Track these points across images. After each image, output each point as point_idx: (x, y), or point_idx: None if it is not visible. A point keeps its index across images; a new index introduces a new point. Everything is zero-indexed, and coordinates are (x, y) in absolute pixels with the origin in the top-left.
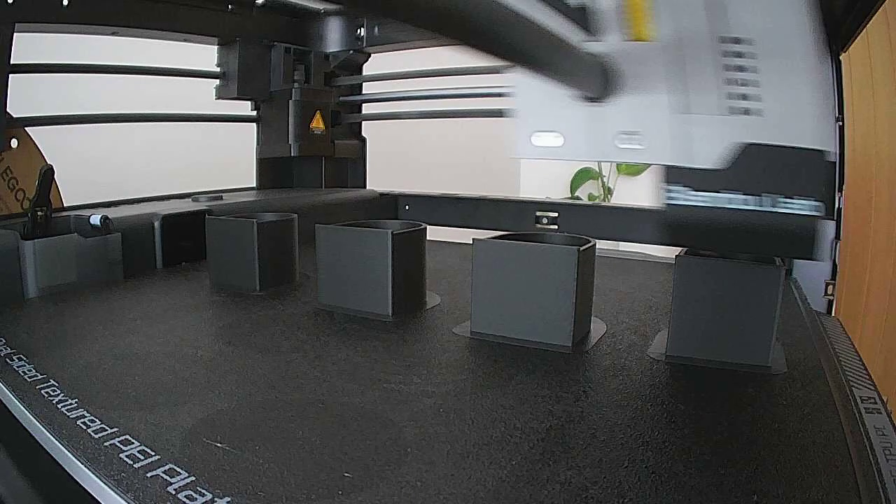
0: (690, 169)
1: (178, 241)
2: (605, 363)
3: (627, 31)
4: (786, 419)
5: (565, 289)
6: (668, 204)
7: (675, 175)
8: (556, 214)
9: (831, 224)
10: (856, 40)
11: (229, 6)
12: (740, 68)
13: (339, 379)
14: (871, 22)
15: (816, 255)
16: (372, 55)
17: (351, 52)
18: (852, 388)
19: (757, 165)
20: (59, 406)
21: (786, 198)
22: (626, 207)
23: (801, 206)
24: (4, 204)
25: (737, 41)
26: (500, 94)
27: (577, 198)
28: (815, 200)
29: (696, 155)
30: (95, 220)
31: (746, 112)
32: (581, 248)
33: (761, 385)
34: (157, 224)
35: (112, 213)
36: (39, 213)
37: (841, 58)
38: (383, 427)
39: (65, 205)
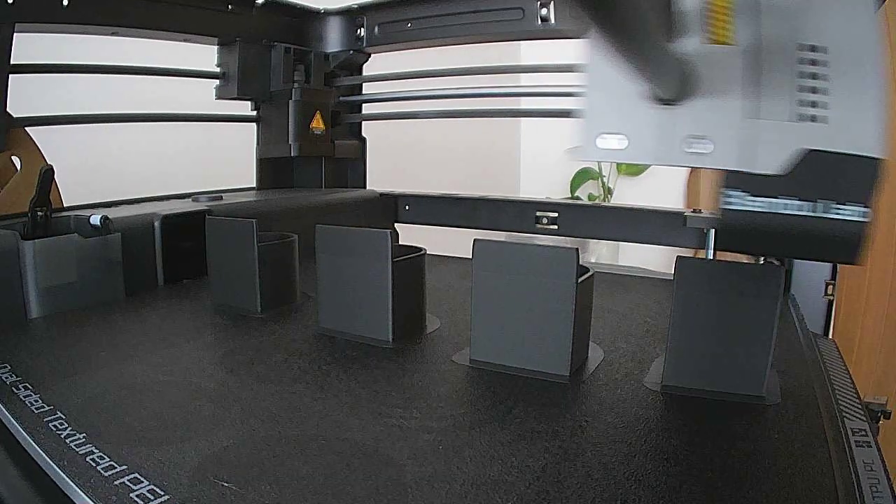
0: (749, 174)
1: (178, 241)
2: (602, 394)
3: (708, 35)
4: (776, 455)
5: (563, 320)
6: (725, 209)
7: (733, 180)
8: (556, 214)
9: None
10: None
11: (229, 6)
12: (813, 75)
13: (340, 412)
14: None
15: (858, 259)
16: (372, 55)
17: (351, 52)
18: (844, 419)
19: (812, 171)
20: (67, 441)
21: (838, 204)
22: (626, 207)
23: (851, 213)
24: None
25: (813, 49)
26: (500, 95)
27: (577, 198)
28: (864, 206)
29: (760, 161)
30: (95, 220)
31: (813, 119)
32: (580, 280)
33: (754, 417)
34: (157, 224)
35: (112, 213)
36: (39, 213)
37: None
38: (384, 465)
39: (65, 205)
